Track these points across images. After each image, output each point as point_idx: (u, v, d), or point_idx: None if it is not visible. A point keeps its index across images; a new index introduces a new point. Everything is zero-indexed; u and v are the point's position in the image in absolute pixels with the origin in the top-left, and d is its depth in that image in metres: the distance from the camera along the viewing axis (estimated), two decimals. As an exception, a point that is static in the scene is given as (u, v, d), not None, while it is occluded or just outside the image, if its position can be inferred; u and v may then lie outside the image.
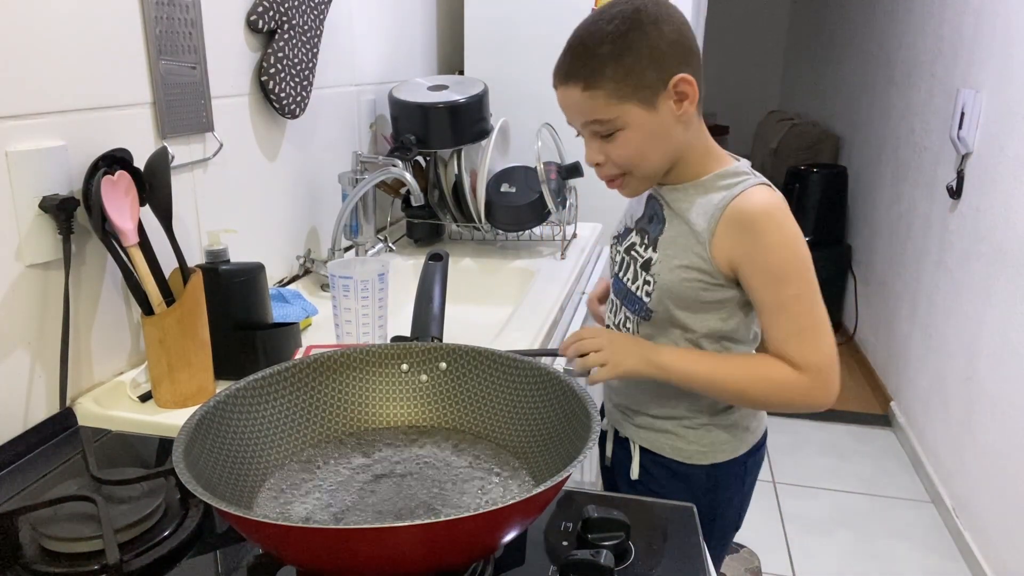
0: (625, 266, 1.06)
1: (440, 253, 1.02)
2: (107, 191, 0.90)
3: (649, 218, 1.03)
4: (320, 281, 1.48)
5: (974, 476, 2.17)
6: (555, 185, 1.66)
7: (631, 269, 1.04)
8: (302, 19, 1.37)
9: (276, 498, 0.69)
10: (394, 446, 0.77)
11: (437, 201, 1.73)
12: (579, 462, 0.59)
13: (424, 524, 0.51)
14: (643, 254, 1.02)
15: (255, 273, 1.05)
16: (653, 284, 1.00)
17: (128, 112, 1.02)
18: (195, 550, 0.69)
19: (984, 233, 2.20)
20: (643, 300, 1.02)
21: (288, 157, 1.44)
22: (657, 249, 0.99)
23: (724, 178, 0.96)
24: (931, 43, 2.79)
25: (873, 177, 3.42)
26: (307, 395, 0.78)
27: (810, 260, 0.92)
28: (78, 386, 0.98)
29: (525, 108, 2.00)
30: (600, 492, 0.88)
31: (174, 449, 0.61)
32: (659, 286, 0.99)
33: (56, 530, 0.66)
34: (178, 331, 0.93)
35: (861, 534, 2.28)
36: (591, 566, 0.62)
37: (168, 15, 1.07)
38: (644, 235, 1.03)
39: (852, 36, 3.93)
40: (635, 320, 1.04)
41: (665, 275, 0.98)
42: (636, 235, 1.04)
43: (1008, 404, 1.98)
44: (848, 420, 2.95)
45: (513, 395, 0.78)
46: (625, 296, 1.06)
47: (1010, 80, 2.09)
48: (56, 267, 0.92)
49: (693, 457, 1.07)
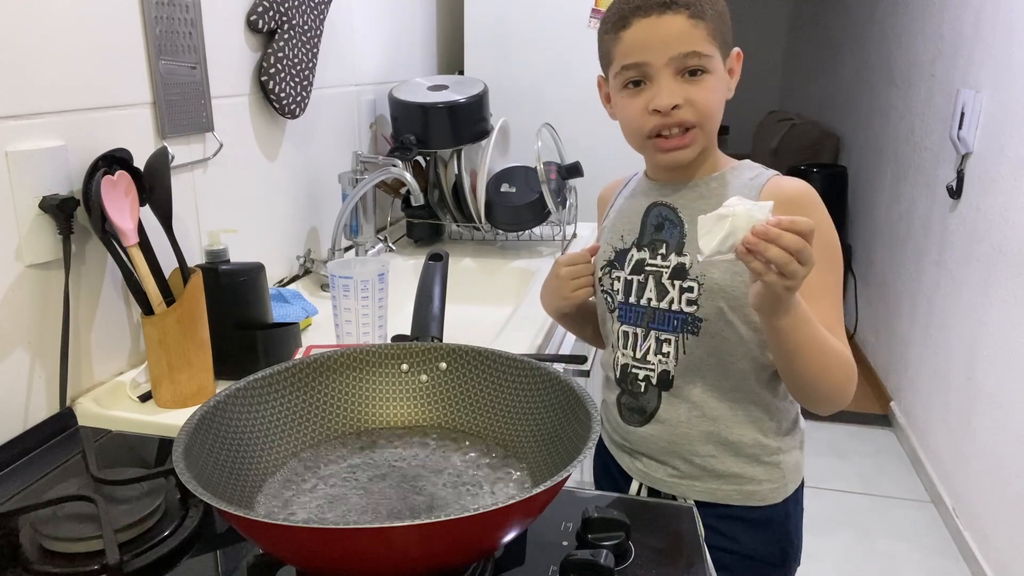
0: (638, 288, 0.94)
1: (440, 253, 1.02)
2: (107, 191, 0.90)
3: (656, 227, 0.95)
4: (320, 281, 1.48)
5: (974, 476, 2.17)
6: (555, 185, 1.66)
7: (650, 287, 0.93)
8: (302, 19, 1.37)
9: (276, 498, 0.69)
10: (394, 446, 0.77)
11: (437, 201, 1.73)
12: (579, 462, 0.59)
13: (424, 524, 0.51)
14: (668, 262, 0.92)
15: (255, 273, 1.05)
16: (699, 288, 0.90)
17: (128, 112, 1.02)
18: (195, 550, 0.69)
19: (984, 233, 2.19)
20: (686, 312, 0.91)
21: (288, 157, 1.44)
22: (687, 252, 0.91)
23: (740, 170, 0.93)
24: (931, 43, 2.78)
25: (873, 177, 3.42)
26: (307, 395, 0.78)
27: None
28: (78, 386, 0.98)
29: (525, 108, 2.00)
30: (600, 492, 0.88)
31: (174, 449, 0.61)
32: (708, 287, 0.89)
33: (56, 530, 0.66)
34: (178, 331, 0.93)
35: (861, 534, 2.28)
36: (591, 566, 0.62)
37: (168, 15, 1.07)
38: (658, 246, 0.94)
39: (852, 36, 3.93)
40: (677, 340, 0.92)
41: (713, 272, 0.89)
42: (643, 251, 0.95)
43: (1008, 404, 1.98)
44: (848, 420, 2.94)
45: (513, 395, 0.78)
46: (652, 319, 0.94)
47: (1010, 80, 2.09)
48: (56, 267, 0.92)
49: (768, 497, 0.94)
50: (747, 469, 0.94)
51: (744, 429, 0.93)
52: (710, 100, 0.87)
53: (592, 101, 1.98)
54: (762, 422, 0.94)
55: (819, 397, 0.88)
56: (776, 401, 0.95)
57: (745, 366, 0.92)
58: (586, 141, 1.96)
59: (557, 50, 2.00)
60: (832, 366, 0.84)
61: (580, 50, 1.98)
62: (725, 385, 0.93)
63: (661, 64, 0.86)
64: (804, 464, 1.00)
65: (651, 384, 0.95)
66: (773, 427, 0.95)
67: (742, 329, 0.90)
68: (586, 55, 2.01)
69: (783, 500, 0.96)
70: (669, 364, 0.94)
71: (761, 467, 0.94)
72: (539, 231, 1.79)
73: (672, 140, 0.89)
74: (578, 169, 1.72)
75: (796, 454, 0.98)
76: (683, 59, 0.86)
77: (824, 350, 0.83)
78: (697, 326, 0.91)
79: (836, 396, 0.87)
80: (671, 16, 0.85)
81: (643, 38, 0.87)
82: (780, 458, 0.95)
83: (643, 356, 0.95)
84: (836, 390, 0.87)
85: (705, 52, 0.86)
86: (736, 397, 0.93)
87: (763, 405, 0.94)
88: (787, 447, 0.96)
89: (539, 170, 1.57)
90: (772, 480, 0.95)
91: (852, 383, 0.87)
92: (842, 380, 0.86)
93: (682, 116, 0.87)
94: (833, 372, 0.85)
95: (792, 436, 0.97)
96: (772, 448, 0.94)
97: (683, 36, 0.85)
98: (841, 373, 0.85)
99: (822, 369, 0.84)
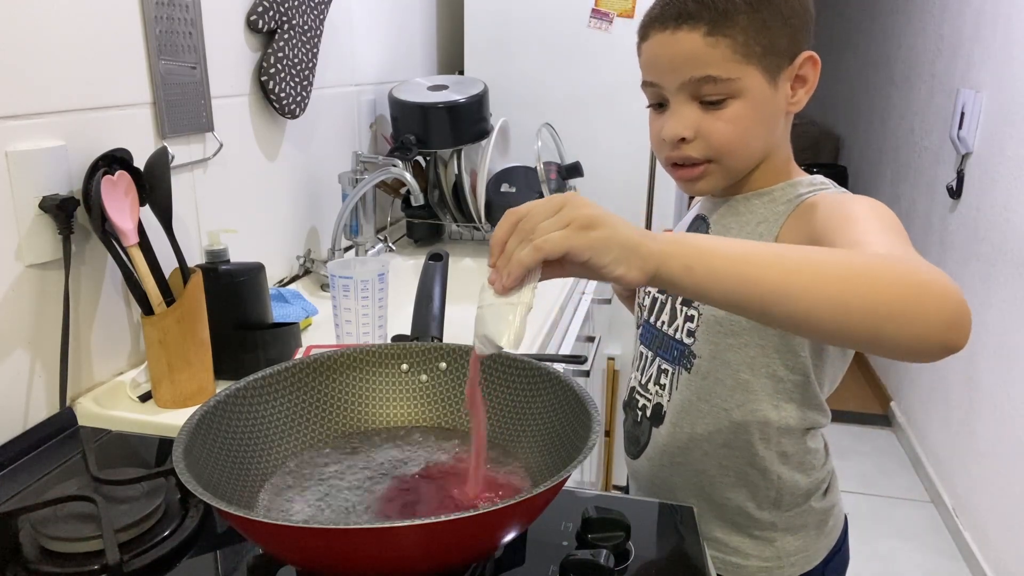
0: (659, 308, 0.86)
1: (440, 253, 1.02)
2: (107, 191, 0.90)
3: None
4: (320, 281, 1.48)
5: (974, 476, 2.17)
6: (555, 185, 1.66)
7: (666, 310, 0.85)
8: (302, 19, 1.37)
9: (276, 498, 0.68)
10: (394, 446, 0.77)
11: (437, 201, 1.73)
12: (579, 462, 0.59)
13: (424, 524, 0.51)
14: None
15: (255, 273, 1.05)
16: (698, 318, 0.79)
17: (128, 112, 1.02)
18: (195, 550, 0.68)
19: (984, 233, 2.19)
20: (685, 343, 0.82)
21: (288, 157, 1.44)
22: None
23: (799, 187, 0.79)
24: (931, 43, 2.78)
25: (873, 177, 3.42)
26: (307, 395, 0.78)
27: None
28: (78, 386, 0.98)
29: (525, 108, 2.00)
30: (600, 492, 0.88)
31: (174, 449, 0.61)
32: (705, 319, 0.79)
33: (56, 530, 0.66)
34: (178, 331, 0.93)
35: (861, 534, 2.28)
36: (591, 566, 0.62)
37: (168, 15, 1.07)
38: None
39: (852, 36, 3.93)
40: (674, 374, 0.84)
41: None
42: None
43: (1008, 404, 1.98)
44: (848, 420, 2.95)
45: (513, 395, 0.78)
46: (660, 344, 0.86)
47: (1010, 80, 2.09)
48: (56, 267, 0.92)
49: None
50: (732, 538, 0.83)
51: (733, 492, 0.82)
52: (727, 133, 0.75)
53: (592, 101, 2.00)
54: (757, 489, 0.81)
55: (853, 327, 0.53)
56: (784, 469, 0.81)
57: (743, 418, 0.80)
58: (586, 141, 1.96)
59: (557, 50, 2.00)
60: (809, 282, 0.53)
61: (580, 50, 1.98)
62: (716, 438, 0.82)
63: (674, 88, 0.76)
64: (821, 551, 0.82)
65: (646, 416, 0.89)
66: (771, 498, 0.82)
67: (744, 375, 0.78)
68: (586, 55, 2.02)
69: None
70: (663, 398, 0.86)
71: (751, 541, 0.83)
72: (539, 231, 1.79)
73: (684, 170, 0.79)
74: (578, 169, 1.72)
75: (803, 539, 0.83)
76: (697, 85, 0.74)
77: (801, 263, 0.54)
78: (691, 362, 0.81)
79: (899, 311, 0.52)
80: (686, 32, 0.73)
81: (655, 56, 0.77)
82: (775, 536, 0.82)
83: (646, 383, 0.89)
84: (898, 301, 0.52)
85: (725, 76, 0.73)
86: (728, 454, 0.82)
87: (761, 469, 0.81)
88: (787, 526, 0.82)
89: (539, 170, 1.57)
90: (763, 559, 0.82)
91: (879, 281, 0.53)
92: (896, 280, 0.53)
93: (687, 152, 0.77)
94: (873, 278, 0.53)
95: (798, 514, 0.82)
96: (764, 522, 0.82)
97: (695, 59, 0.73)
98: (886, 272, 0.54)
99: (845, 286, 0.53)
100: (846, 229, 0.65)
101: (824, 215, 0.71)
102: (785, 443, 0.81)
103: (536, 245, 0.52)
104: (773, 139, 0.79)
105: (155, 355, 0.94)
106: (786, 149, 0.82)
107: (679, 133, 0.76)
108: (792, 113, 0.79)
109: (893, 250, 0.59)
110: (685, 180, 0.79)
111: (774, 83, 0.75)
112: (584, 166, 1.72)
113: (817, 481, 0.84)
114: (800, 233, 0.73)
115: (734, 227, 0.80)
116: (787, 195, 0.79)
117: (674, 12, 0.74)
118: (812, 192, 0.78)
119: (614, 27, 1.94)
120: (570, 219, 0.52)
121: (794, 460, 0.82)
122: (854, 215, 0.67)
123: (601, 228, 0.52)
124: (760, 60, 0.73)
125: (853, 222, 0.66)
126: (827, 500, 0.86)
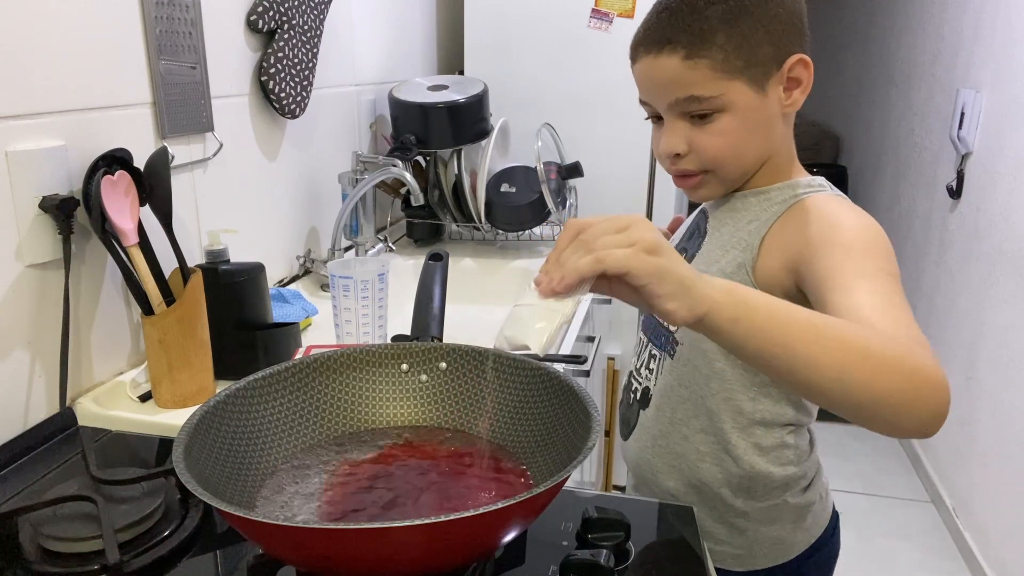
0: None
1: (440, 253, 1.02)
2: (107, 191, 0.90)
3: (689, 235, 0.90)
4: (320, 281, 1.48)
5: (974, 476, 2.17)
6: (555, 185, 1.66)
7: None
8: (302, 19, 1.37)
9: (276, 498, 0.68)
10: (394, 446, 0.77)
11: (437, 201, 1.73)
12: (579, 462, 0.59)
13: (424, 524, 0.51)
14: None
15: (255, 273, 1.05)
16: None
17: (128, 112, 1.02)
18: (195, 550, 0.68)
19: (984, 233, 2.19)
20: (670, 331, 0.85)
21: (288, 157, 1.44)
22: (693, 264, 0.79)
23: (796, 187, 0.81)
24: (931, 43, 2.78)
25: (873, 177, 3.42)
26: (307, 395, 0.78)
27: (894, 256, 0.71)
28: (78, 386, 0.98)
29: (525, 108, 2.00)
30: (600, 492, 0.88)
31: (174, 449, 0.61)
32: None
33: (56, 530, 0.66)
34: (178, 331, 0.93)
35: (861, 534, 2.28)
36: (591, 566, 0.62)
37: (168, 15, 1.07)
38: (683, 254, 0.88)
39: (852, 36, 3.93)
40: (660, 358, 0.88)
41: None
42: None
43: (1008, 404, 1.98)
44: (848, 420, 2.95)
45: (513, 395, 0.78)
46: (654, 331, 0.90)
47: (1010, 80, 2.09)
48: (56, 267, 0.92)
49: (728, 563, 0.86)
50: (707, 522, 0.84)
51: (709, 477, 0.85)
52: (718, 146, 0.78)
53: (592, 101, 2.00)
54: (731, 476, 0.84)
55: (855, 406, 0.58)
56: (758, 460, 0.83)
57: (717, 406, 0.83)
58: (586, 141, 1.96)
59: (557, 50, 2.00)
60: (835, 360, 0.55)
61: (580, 50, 1.98)
62: (694, 423, 0.86)
63: (663, 107, 0.80)
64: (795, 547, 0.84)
65: (636, 399, 0.93)
66: (744, 487, 0.84)
67: (719, 364, 0.82)
68: (586, 55, 2.02)
69: (746, 572, 0.85)
70: (651, 382, 0.90)
71: (724, 528, 0.85)
72: (539, 231, 1.79)
73: (684, 180, 0.83)
74: (578, 169, 1.72)
75: (777, 531, 0.84)
76: (683, 104, 0.77)
77: (832, 328, 0.57)
78: (674, 348, 0.85)
79: (893, 391, 0.56)
80: (666, 57, 0.76)
81: (642, 79, 0.80)
82: (747, 526, 0.84)
83: (640, 367, 0.92)
84: (861, 388, 0.56)
85: (707, 94, 0.75)
86: (704, 439, 0.85)
87: (735, 457, 0.84)
88: (761, 517, 0.84)
89: (539, 170, 1.57)
90: (735, 546, 0.84)
91: (913, 363, 0.56)
92: (891, 359, 0.56)
93: (683, 166, 0.81)
94: (872, 355, 0.56)
95: (772, 507, 0.84)
96: (738, 510, 0.84)
97: (676, 82, 0.76)
98: (885, 351, 0.56)
99: (846, 360, 0.55)
100: (836, 264, 0.68)
101: (816, 232, 0.73)
102: (760, 435, 0.83)
103: (599, 257, 0.52)
104: (771, 142, 0.81)
105: (155, 355, 0.94)
106: (788, 149, 0.84)
107: (673, 149, 0.80)
108: (790, 114, 0.81)
109: (899, 321, 0.62)
110: (686, 188, 0.84)
111: (762, 91, 0.77)
112: (584, 166, 1.73)
113: (794, 476, 0.86)
114: (788, 235, 0.76)
115: (728, 223, 0.83)
116: (783, 195, 0.81)
117: (655, 37, 0.77)
118: (807, 193, 0.80)
119: (614, 27, 1.94)
120: (636, 239, 0.53)
121: (770, 453, 0.84)
122: (846, 243, 0.70)
123: (664, 257, 0.53)
124: (743, 72, 0.75)
125: (844, 254, 0.69)
126: (806, 496, 0.88)
